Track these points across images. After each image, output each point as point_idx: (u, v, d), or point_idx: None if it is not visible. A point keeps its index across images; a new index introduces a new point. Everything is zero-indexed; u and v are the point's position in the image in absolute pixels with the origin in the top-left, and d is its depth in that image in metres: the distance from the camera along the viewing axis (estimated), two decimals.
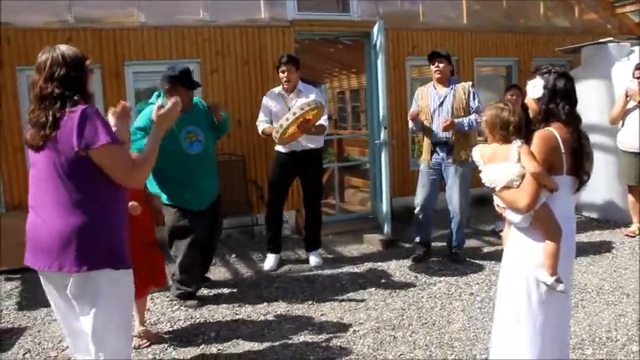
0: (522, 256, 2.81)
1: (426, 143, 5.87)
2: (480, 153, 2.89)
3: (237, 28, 7.11)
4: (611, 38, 7.74)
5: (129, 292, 2.80)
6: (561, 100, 2.75)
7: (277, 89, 5.89)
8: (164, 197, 4.70)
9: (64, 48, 2.64)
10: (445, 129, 5.62)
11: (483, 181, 2.86)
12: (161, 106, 2.92)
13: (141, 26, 6.72)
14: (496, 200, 2.90)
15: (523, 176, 2.67)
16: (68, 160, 2.53)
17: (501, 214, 2.92)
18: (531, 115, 2.81)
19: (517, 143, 2.71)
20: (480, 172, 2.91)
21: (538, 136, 2.68)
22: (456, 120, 5.61)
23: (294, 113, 5.24)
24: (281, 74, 5.77)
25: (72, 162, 2.53)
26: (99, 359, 2.67)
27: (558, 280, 2.67)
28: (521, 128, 2.75)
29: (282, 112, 5.65)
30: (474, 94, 5.81)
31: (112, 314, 2.66)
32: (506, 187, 2.73)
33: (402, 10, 8.25)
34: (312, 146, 5.81)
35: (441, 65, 5.80)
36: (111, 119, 2.88)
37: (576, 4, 9.56)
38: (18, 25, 6.25)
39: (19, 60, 6.26)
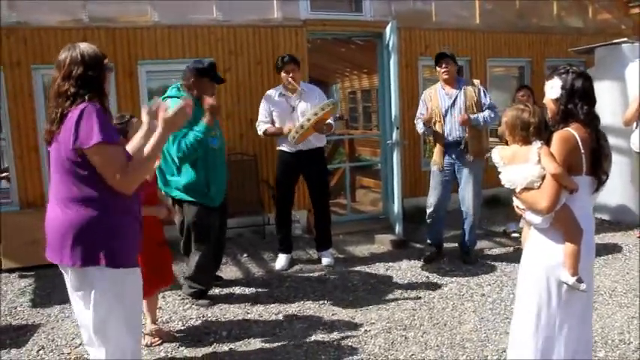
0: (543, 256, 2.81)
1: (438, 147, 5.84)
2: (499, 154, 2.89)
3: (250, 28, 7.13)
4: (625, 39, 7.68)
5: (133, 291, 2.80)
6: (580, 101, 2.73)
7: (278, 90, 5.87)
8: (185, 195, 4.72)
9: (84, 47, 2.66)
10: (462, 123, 5.60)
11: (503, 183, 2.86)
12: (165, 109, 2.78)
13: (154, 25, 6.76)
14: (516, 202, 2.90)
15: (543, 177, 2.67)
16: (68, 157, 2.57)
17: (521, 215, 2.92)
18: (549, 116, 2.81)
19: (537, 144, 2.71)
20: (498, 173, 2.90)
21: (557, 136, 2.68)
22: (472, 116, 5.61)
23: (316, 113, 5.27)
24: (284, 75, 5.75)
25: (71, 158, 2.57)
26: (101, 354, 2.71)
27: (579, 280, 2.67)
28: (541, 129, 2.75)
29: (286, 113, 5.70)
30: (483, 91, 5.83)
31: (112, 311, 2.68)
32: (527, 189, 2.73)
33: (415, 9, 8.24)
34: (316, 145, 5.81)
35: (449, 66, 5.79)
36: (144, 117, 2.81)
37: (590, 4, 9.51)
38: (33, 25, 6.31)
39: (34, 59, 6.32)
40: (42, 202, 6.36)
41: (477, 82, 5.90)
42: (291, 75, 5.73)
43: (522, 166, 2.74)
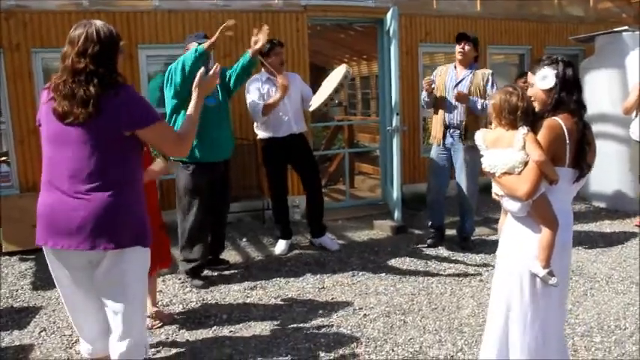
0: (518, 246, 2.79)
1: (439, 121, 5.81)
2: (482, 137, 2.85)
3: (250, 13, 7.11)
4: (626, 27, 7.68)
5: (147, 271, 2.83)
6: (572, 89, 2.71)
7: (264, 75, 5.79)
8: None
9: (99, 24, 2.61)
10: (457, 99, 5.60)
11: (483, 167, 2.82)
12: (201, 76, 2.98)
13: (155, 10, 6.75)
14: (494, 188, 2.86)
15: (525, 164, 2.63)
16: (111, 140, 2.54)
17: (498, 201, 2.90)
18: (538, 107, 2.75)
19: (523, 130, 2.66)
20: (480, 156, 2.88)
21: (546, 125, 2.64)
22: (471, 97, 5.61)
23: (342, 84, 5.38)
24: (273, 58, 5.64)
25: (114, 142, 2.55)
26: (123, 343, 2.69)
27: (550, 274, 2.64)
28: (528, 114, 2.71)
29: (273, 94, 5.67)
30: (492, 82, 5.73)
31: (140, 294, 2.74)
32: (507, 173, 2.69)
33: None
34: (297, 131, 5.81)
35: (467, 48, 5.77)
36: (194, 92, 2.97)
37: None
38: (33, 8, 6.30)
39: (34, 42, 6.32)
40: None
41: (488, 71, 5.86)
42: (280, 57, 5.71)
43: (505, 151, 2.70)
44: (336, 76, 5.46)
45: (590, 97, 7.53)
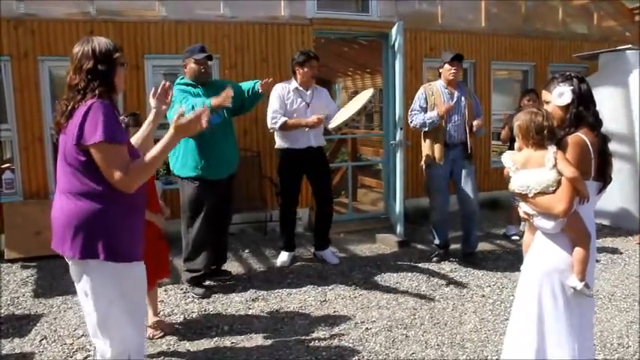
0: (549, 261, 2.82)
1: (438, 141, 5.80)
2: (511, 159, 2.87)
3: (256, 25, 7.16)
4: (629, 45, 7.72)
5: (135, 284, 2.78)
6: (588, 103, 2.76)
7: (292, 84, 5.82)
8: (183, 171, 4.91)
9: (97, 41, 2.66)
10: (479, 128, 5.77)
11: (513, 188, 2.84)
12: (181, 115, 2.72)
13: (162, 20, 6.79)
14: (524, 207, 2.86)
15: (559, 182, 2.66)
16: (71, 150, 2.59)
17: (525, 220, 2.93)
18: (556, 125, 2.77)
19: (553, 149, 2.69)
20: (508, 178, 2.89)
21: (572, 141, 2.68)
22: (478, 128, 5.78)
23: (365, 107, 5.42)
24: (307, 69, 5.70)
25: (74, 152, 2.58)
26: (106, 347, 2.72)
27: (587, 286, 2.71)
28: (554, 133, 2.74)
29: (301, 109, 5.69)
30: (475, 99, 5.97)
31: (112, 304, 2.67)
32: (541, 193, 2.72)
33: (421, 11, 8.29)
34: (315, 144, 5.81)
35: (459, 69, 5.85)
36: (151, 101, 2.99)
37: (595, 10, 9.53)
38: (41, 17, 6.33)
39: (41, 50, 6.35)
40: (45, 192, 6.39)
41: (471, 88, 6.01)
42: (312, 71, 5.74)
43: (537, 171, 2.72)
44: (361, 99, 5.51)
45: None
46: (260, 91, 5.12)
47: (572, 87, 2.75)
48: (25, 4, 6.28)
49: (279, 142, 5.87)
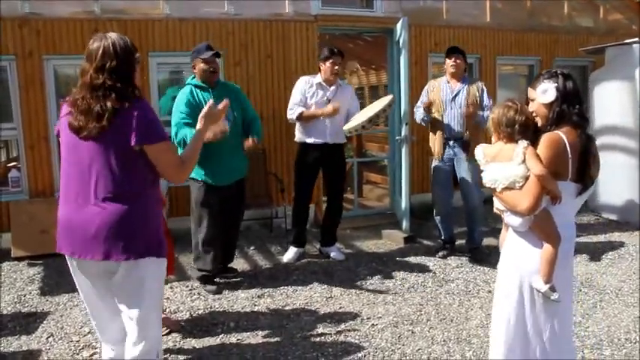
0: (518, 261, 2.79)
1: (439, 137, 5.81)
2: (482, 152, 2.85)
3: (261, 22, 7.15)
4: (636, 39, 7.66)
5: (162, 280, 2.87)
6: (573, 102, 2.68)
7: (316, 78, 5.78)
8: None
9: (115, 37, 2.64)
10: (467, 116, 5.67)
11: (484, 181, 2.81)
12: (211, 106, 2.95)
13: (166, 18, 6.79)
14: (496, 203, 2.84)
15: (526, 178, 2.61)
16: (122, 153, 2.57)
17: (500, 216, 2.89)
18: (541, 123, 2.73)
19: (523, 143, 2.64)
20: (480, 171, 2.88)
21: (545, 138, 2.61)
22: (479, 112, 5.69)
23: (378, 115, 5.36)
24: (329, 65, 5.65)
25: (125, 155, 2.57)
26: (135, 348, 2.73)
27: (552, 289, 2.64)
28: (527, 128, 2.69)
29: (321, 104, 5.65)
30: (486, 92, 5.88)
31: (156, 302, 2.76)
32: (508, 188, 2.68)
33: (425, 6, 8.26)
34: (331, 141, 5.77)
35: (458, 61, 5.84)
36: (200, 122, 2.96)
37: (601, 4, 9.47)
38: (45, 15, 6.35)
39: (46, 49, 6.37)
40: (51, 191, 6.41)
41: (480, 82, 5.95)
42: (336, 67, 5.68)
43: (505, 165, 2.69)
44: (378, 105, 5.46)
45: (599, 109, 7.63)
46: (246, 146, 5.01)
47: (556, 84, 2.68)
48: (29, 3, 6.29)
49: (297, 135, 5.87)
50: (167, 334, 4.18)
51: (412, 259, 5.94)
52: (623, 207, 7.41)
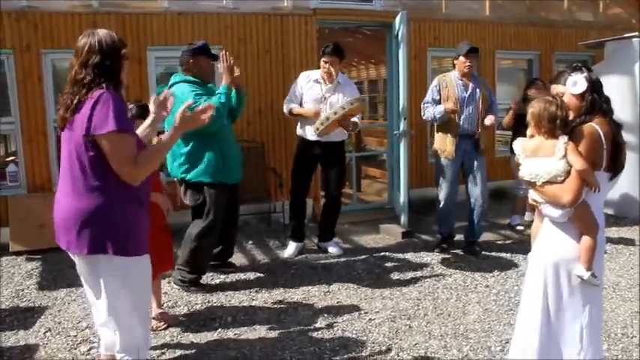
0: (556, 249, 2.83)
1: (450, 136, 5.76)
2: (521, 146, 2.88)
3: (259, 16, 7.13)
4: (636, 33, 7.64)
5: (141, 278, 2.81)
6: (600, 90, 2.79)
7: (315, 74, 5.75)
8: (206, 177, 4.73)
9: (102, 34, 2.65)
10: (491, 125, 5.76)
11: (522, 175, 2.86)
12: (186, 109, 2.83)
13: (164, 11, 6.77)
14: (533, 194, 2.89)
15: (568, 172, 2.67)
16: (79, 144, 2.57)
17: (534, 208, 2.94)
18: (573, 115, 2.79)
19: (564, 139, 2.70)
20: (518, 165, 2.93)
21: (585, 132, 2.69)
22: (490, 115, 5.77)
23: (344, 107, 5.19)
24: (322, 64, 5.63)
25: (82, 146, 2.56)
26: (116, 337, 2.77)
27: (594, 275, 2.71)
28: (567, 123, 2.74)
29: (316, 100, 5.61)
30: (490, 90, 5.94)
31: (120, 298, 2.70)
32: (549, 182, 2.73)
33: (425, 0, 8.22)
34: (337, 139, 5.75)
35: (473, 62, 5.81)
36: (151, 107, 2.98)
37: None
38: (43, 9, 6.33)
39: (44, 43, 6.36)
40: (49, 186, 6.40)
41: (485, 79, 5.99)
42: (328, 66, 5.59)
43: (547, 160, 2.73)
44: (342, 104, 5.35)
45: None
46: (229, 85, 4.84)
47: (584, 75, 2.76)
48: None
49: (298, 130, 5.88)
50: (165, 328, 4.19)
51: (410, 254, 5.94)
52: (621, 201, 7.40)
